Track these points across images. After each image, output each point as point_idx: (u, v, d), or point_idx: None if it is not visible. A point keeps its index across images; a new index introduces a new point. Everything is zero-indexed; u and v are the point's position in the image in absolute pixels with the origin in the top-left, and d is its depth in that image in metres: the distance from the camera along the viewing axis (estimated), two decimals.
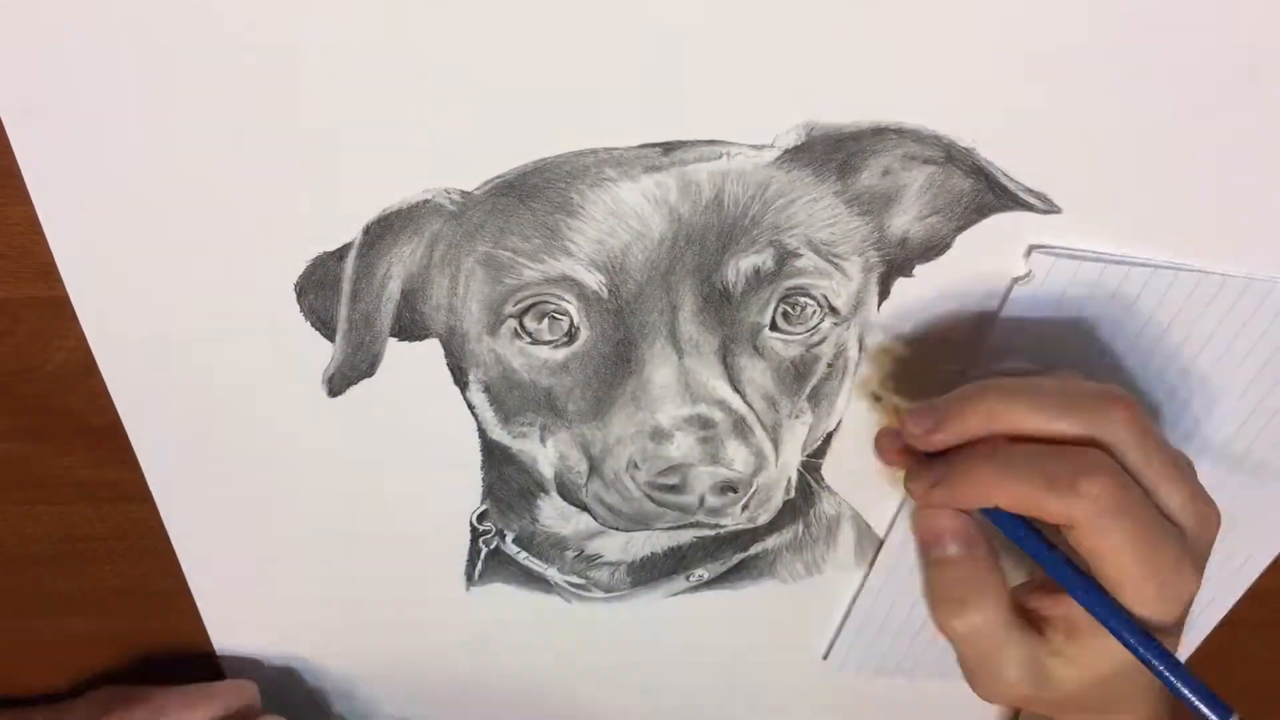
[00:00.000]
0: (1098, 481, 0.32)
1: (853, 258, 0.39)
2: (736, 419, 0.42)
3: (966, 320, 0.41)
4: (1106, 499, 0.32)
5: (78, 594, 0.52)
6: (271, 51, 0.33)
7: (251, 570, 0.50)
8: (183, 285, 0.39)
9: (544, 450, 0.44)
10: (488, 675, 0.56)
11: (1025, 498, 0.34)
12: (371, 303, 0.40)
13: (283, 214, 0.37)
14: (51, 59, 0.33)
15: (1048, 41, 0.34)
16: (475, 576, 0.51)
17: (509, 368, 0.41)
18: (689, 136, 0.36)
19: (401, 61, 0.34)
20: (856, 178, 0.38)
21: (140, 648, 0.54)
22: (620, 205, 0.37)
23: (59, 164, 0.36)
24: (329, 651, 0.55)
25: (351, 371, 0.41)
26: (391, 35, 0.33)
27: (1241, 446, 0.44)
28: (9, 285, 0.40)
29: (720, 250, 0.38)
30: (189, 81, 0.34)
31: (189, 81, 0.34)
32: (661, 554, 0.50)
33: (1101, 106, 0.35)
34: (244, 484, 0.46)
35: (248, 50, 0.33)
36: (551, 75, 0.34)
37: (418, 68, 0.34)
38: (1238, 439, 0.44)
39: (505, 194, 0.37)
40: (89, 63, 0.33)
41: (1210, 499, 0.36)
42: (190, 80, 0.34)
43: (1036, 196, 0.37)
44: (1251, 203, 0.38)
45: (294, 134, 0.35)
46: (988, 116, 0.36)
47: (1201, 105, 0.35)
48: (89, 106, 0.34)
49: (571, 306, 0.39)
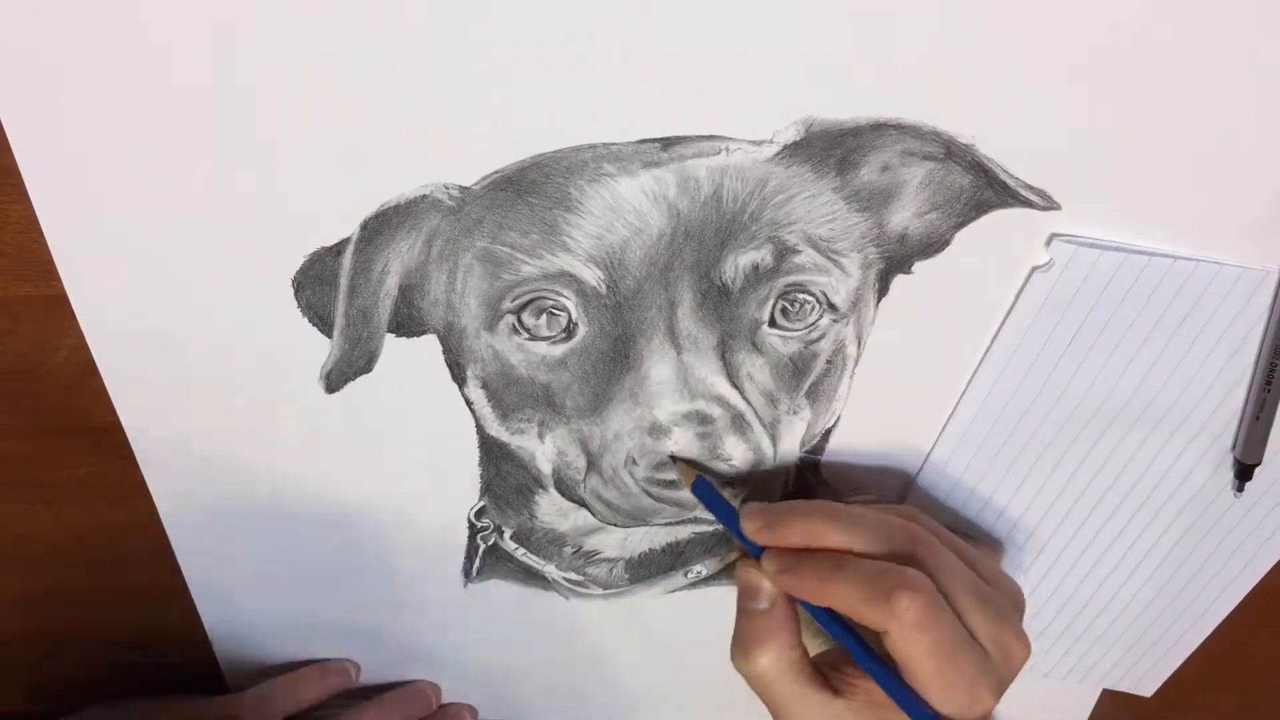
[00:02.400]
0: (908, 597, 0.37)
1: (851, 254, 0.39)
2: (735, 415, 0.42)
3: (966, 317, 0.41)
4: (915, 614, 0.37)
5: (78, 593, 0.52)
6: (269, 49, 0.33)
7: (250, 569, 0.50)
8: (181, 282, 0.39)
9: (542, 446, 0.44)
10: (486, 672, 0.56)
11: (847, 605, 0.38)
12: (369, 298, 0.39)
13: (280, 210, 0.37)
14: (50, 58, 0.33)
15: (1047, 37, 0.34)
16: (473, 573, 0.51)
17: (507, 364, 0.41)
18: (688, 132, 0.36)
19: (399, 57, 0.34)
20: (856, 174, 0.37)
21: (140, 648, 0.54)
22: (619, 201, 0.37)
23: (57, 163, 0.36)
24: (328, 649, 0.54)
25: (349, 368, 0.41)
26: (389, 31, 0.33)
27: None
28: (9, 285, 0.40)
29: (719, 246, 0.38)
30: (185, 79, 0.34)
31: (185, 79, 0.34)
32: (660, 550, 0.50)
33: (1101, 102, 0.35)
34: (242, 482, 0.46)
35: (245, 48, 0.33)
36: (550, 71, 0.34)
37: (416, 63, 0.34)
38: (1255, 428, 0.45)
39: (504, 189, 0.37)
40: (87, 62, 0.33)
41: (1022, 634, 0.40)
42: (186, 78, 0.34)
43: (1036, 193, 0.37)
44: (1253, 198, 0.38)
45: (291, 130, 0.35)
46: (987, 113, 0.36)
47: (1202, 101, 0.35)
48: (86, 105, 0.34)
49: (570, 302, 0.39)
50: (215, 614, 0.52)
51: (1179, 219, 0.38)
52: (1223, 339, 0.42)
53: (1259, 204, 0.38)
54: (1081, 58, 0.34)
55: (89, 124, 0.35)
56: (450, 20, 0.33)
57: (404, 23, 0.33)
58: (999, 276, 0.40)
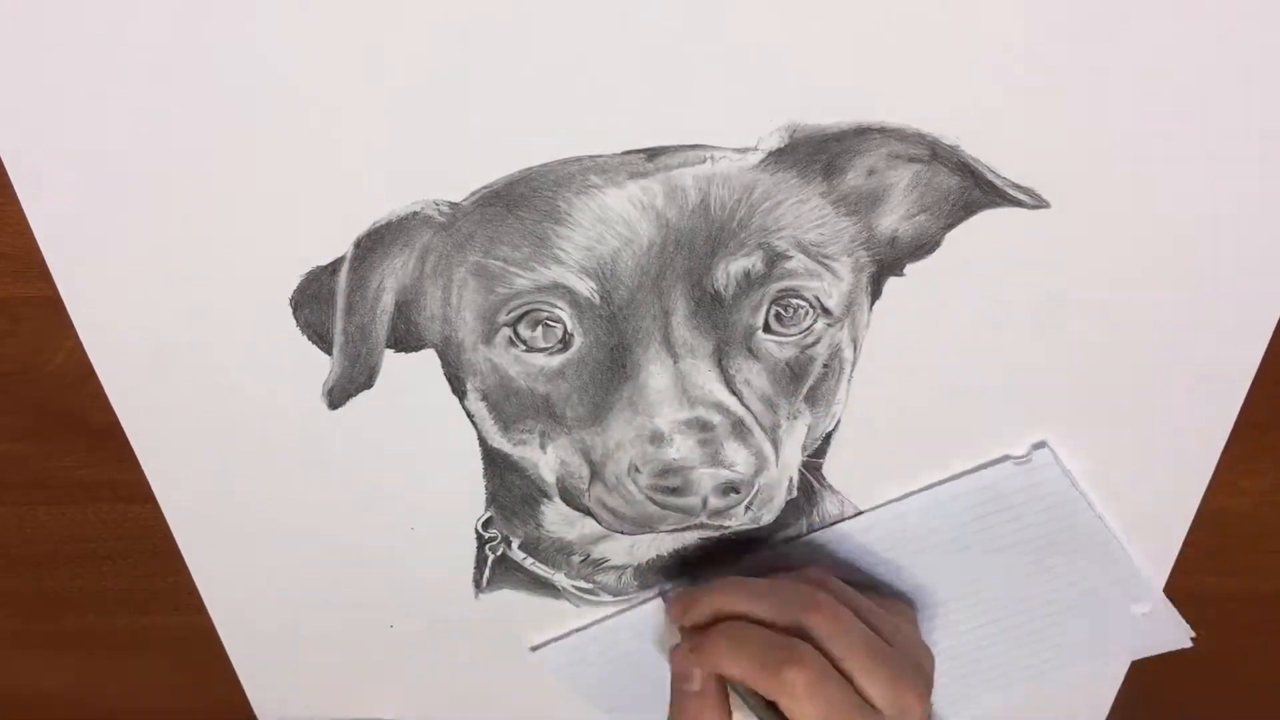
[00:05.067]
0: (795, 670, 0.40)
1: (842, 258, 0.39)
2: (734, 421, 0.42)
3: (959, 318, 0.41)
4: (802, 686, 0.40)
5: (78, 594, 0.53)
6: (259, 68, 0.34)
7: (259, 578, 0.50)
8: (181, 303, 0.40)
9: (545, 456, 0.44)
10: (499, 681, 0.56)
11: (743, 675, 0.41)
12: (366, 315, 0.40)
13: (275, 230, 0.38)
14: (45, 79, 0.34)
15: (1029, 35, 0.34)
16: (484, 583, 0.51)
17: (505, 376, 0.42)
18: (673, 142, 0.36)
19: (386, 76, 0.34)
20: (842, 178, 0.37)
21: (140, 648, 0.55)
22: (607, 212, 0.37)
23: (53, 186, 0.36)
24: (340, 656, 0.55)
25: (350, 384, 0.42)
26: (375, 50, 0.34)
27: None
28: (10, 285, 0.40)
29: (709, 254, 0.38)
30: (176, 100, 0.34)
31: (176, 100, 0.34)
32: (667, 556, 0.50)
33: (1086, 99, 0.35)
34: (251, 500, 0.46)
35: (236, 67, 0.34)
36: (534, 84, 0.34)
37: (402, 82, 0.34)
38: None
39: (493, 204, 0.37)
40: (82, 84, 0.34)
41: (920, 693, 0.42)
42: (178, 99, 0.34)
43: (1024, 192, 0.37)
44: (1240, 194, 0.37)
45: (282, 149, 0.36)
46: (972, 113, 0.35)
47: (1189, 98, 0.35)
48: (82, 131, 0.35)
49: (564, 313, 0.40)
50: (228, 624, 0.53)
51: (1173, 216, 0.38)
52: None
53: (1254, 196, 0.38)
54: (1065, 54, 0.34)
55: (82, 152, 0.35)
56: (435, 38, 0.33)
57: (390, 42, 0.33)
58: (991, 277, 0.40)
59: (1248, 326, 0.41)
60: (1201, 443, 0.46)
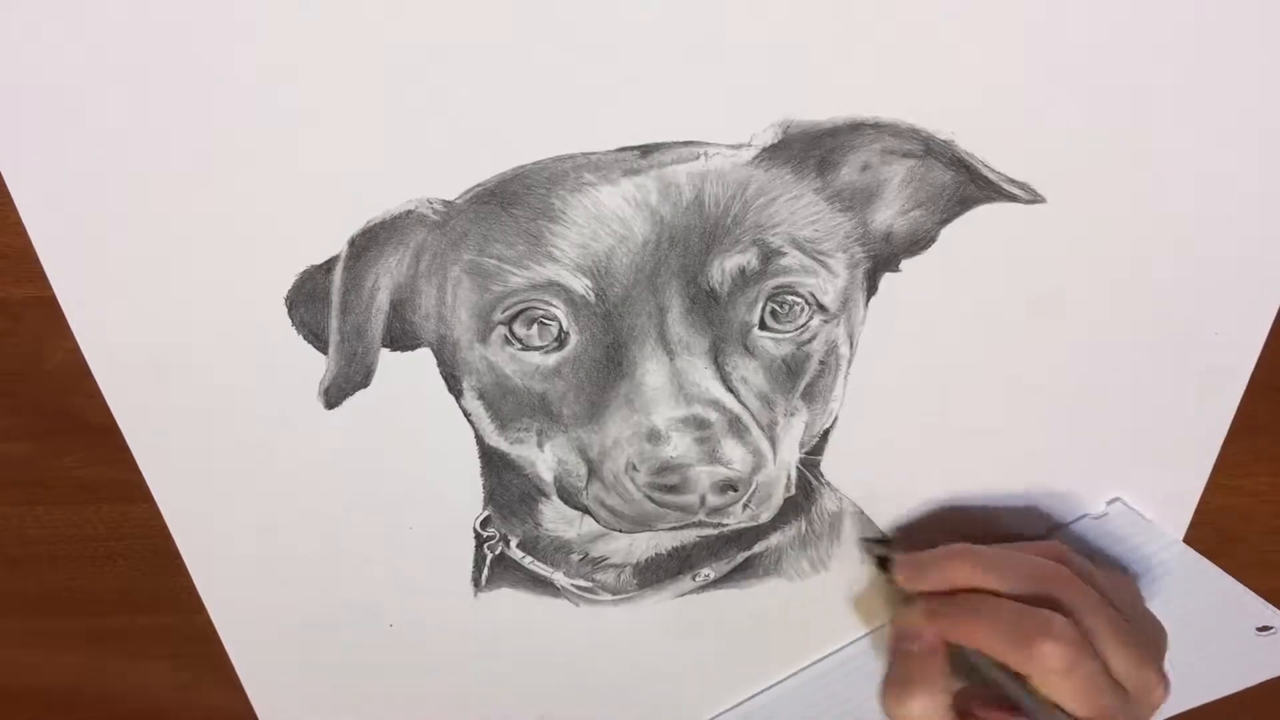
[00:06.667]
0: (1050, 644, 0.39)
1: (838, 254, 0.39)
2: (731, 418, 0.42)
3: (956, 313, 0.41)
4: (1056, 660, 0.39)
5: (78, 594, 0.53)
6: (252, 68, 0.34)
7: (258, 574, 0.50)
8: (176, 304, 0.39)
9: (542, 455, 0.44)
10: (498, 680, 0.56)
11: (993, 650, 0.41)
12: (362, 314, 0.40)
13: (269, 229, 0.38)
14: (39, 80, 0.34)
15: (1022, 30, 0.34)
16: (482, 582, 0.51)
17: (501, 374, 0.42)
18: (666, 138, 0.36)
19: (378, 74, 0.34)
20: (836, 174, 0.37)
21: (140, 648, 0.55)
22: (601, 209, 0.37)
23: (48, 187, 0.36)
24: (341, 656, 0.55)
25: (347, 383, 0.42)
26: (368, 49, 0.34)
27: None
28: (9, 285, 0.40)
29: (704, 251, 0.38)
30: (169, 100, 0.34)
31: (169, 100, 0.34)
32: (666, 555, 0.50)
33: (1081, 94, 0.35)
34: (249, 500, 0.46)
35: (230, 67, 0.34)
36: (527, 81, 0.34)
37: (395, 80, 0.34)
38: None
39: (487, 202, 0.37)
40: (76, 87, 0.34)
41: (1163, 673, 0.42)
42: (171, 99, 0.34)
43: (1019, 187, 0.37)
44: (1234, 191, 0.37)
45: (276, 148, 0.36)
46: (966, 108, 0.35)
47: (1186, 94, 0.35)
48: (76, 132, 0.35)
49: (560, 311, 0.40)
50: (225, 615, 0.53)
51: (1170, 213, 0.38)
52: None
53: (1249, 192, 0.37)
54: (1059, 48, 0.34)
55: (77, 151, 0.35)
56: (428, 35, 0.33)
57: (382, 40, 0.33)
58: (987, 272, 0.39)
59: (1246, 324, 0.41)
60: (1201, 442, 0.46)
